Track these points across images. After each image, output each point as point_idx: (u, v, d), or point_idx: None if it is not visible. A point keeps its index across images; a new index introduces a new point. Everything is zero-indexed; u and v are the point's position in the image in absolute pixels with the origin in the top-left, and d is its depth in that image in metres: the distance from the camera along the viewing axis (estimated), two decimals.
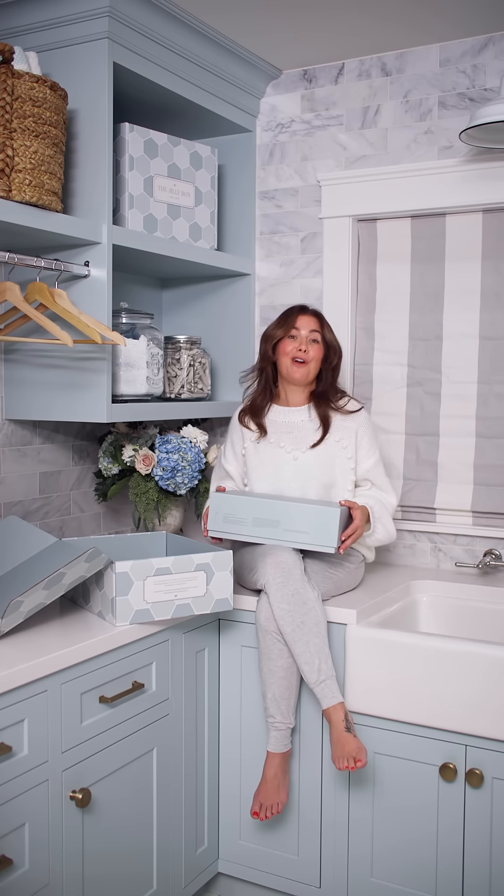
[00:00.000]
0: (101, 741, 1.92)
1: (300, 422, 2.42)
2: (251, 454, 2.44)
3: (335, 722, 2.06)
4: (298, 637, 2.09)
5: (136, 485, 2.63)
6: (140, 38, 2.30)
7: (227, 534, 2.25)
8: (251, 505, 2.22)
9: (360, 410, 2.44)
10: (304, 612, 2.10)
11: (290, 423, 2.42)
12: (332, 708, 2.07)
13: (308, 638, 2.09)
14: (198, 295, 2.98)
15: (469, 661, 2.00)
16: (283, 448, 2.39)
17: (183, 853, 2.23)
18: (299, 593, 2.11)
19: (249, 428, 2.46)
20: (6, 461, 2.44)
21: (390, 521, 2.39)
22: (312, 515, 2.17)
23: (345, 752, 2.03)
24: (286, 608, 2.10)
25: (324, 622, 2.12)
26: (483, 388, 2.62)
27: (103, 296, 2.25)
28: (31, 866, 1.74)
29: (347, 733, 2.04)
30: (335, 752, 2.04)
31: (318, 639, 2.09)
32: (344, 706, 2.07)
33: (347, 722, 2.06)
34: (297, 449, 2.38)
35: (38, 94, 1.99)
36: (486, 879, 2.02)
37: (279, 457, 2.39)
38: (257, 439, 2.43)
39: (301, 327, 2.39)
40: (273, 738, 2.16)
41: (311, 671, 2.08)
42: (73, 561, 1.87)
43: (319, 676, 2.07)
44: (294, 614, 2.10)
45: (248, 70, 2.72)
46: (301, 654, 2.09)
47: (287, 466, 2.37)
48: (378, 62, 2.69)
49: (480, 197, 2.54)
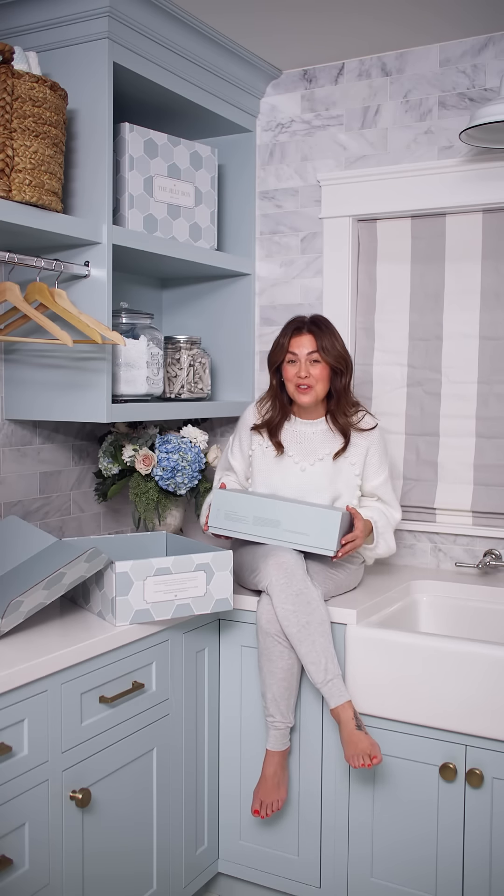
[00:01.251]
0: (101, 741, 1.92)
1: (311, 434, 2.38)
2: (258, 457, 2.41)
3: (345, 721, 2.05)
4: (304, 637, 2.09)
5: (136, 485, 2.63)
6: (140, 38, 2.30)
7: (227, 531, 2.24)
8: (253, 503, 2.21)
9: (374, 429, 2.38)
10: (309, 611, 2.10)
11: (301, 434, 2.38)
12: (340, 707, 2.06)
13: (314, 638, 2.08)
14: (198, 295, 2.98)
15: (469, 661, 2.00)
16: (292, 458, 2.37)
17: (183, 853, 2.23)
18: (303, 593, 2.11)
19: (262, 435, 2.41)
20: (6, 461, 2.44)
21: (392, 536, 2.39)
22: (314, 518, 2.16)
23: (358, 750, 2.02)
24: (291, 608, 2.10)
25: (328, 622, 2.12)
26: (483, 388, 2.62)
27: (103, 296, 2.25)
28: (31, 866, 1.74)
29: (359, 731, 2.04)
30: (348, 751, 2.04)
31: (324, 638, 2.09)
32: (352, 705, 2.07)
33: (357, 720, 2.06)
34: (304, 460, 2.36)
35: (38, 94, 1.99)
36: (486, 879, 2.02)
37: (286, 466, 2.36)
38: (268, 447, 2.39)
39: (298, 350, 2.29)
40: (272, 737, 2.16)
41: (317, 671, 2.08)
42: (73, 561, 1.87)
43: (326, 676, 2.07)
44: (299, 614, 2.09)
45: (248, 70, 2.72)
46: (307, 654, 2.09)
47: (293, 477, 2.35)
48: (378, 62, 2.69)
49: (480, 197, 2.54)
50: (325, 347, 2.28)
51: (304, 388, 2.30)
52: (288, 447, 2.38)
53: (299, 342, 2.30)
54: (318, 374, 2.30)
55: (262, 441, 2.41)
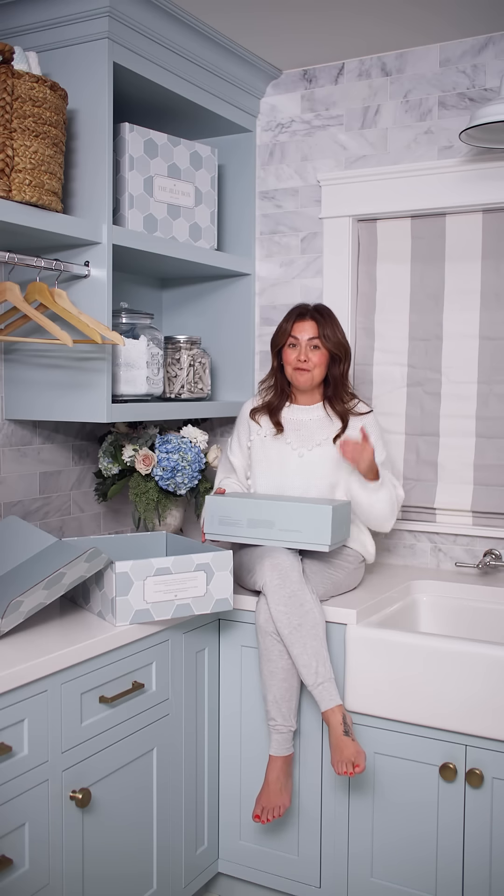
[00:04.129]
0: (101, 741, 1.92)
1: (309, 420, 2.43)
2: (257, 448, 2.45)
3: (333, 725, 2.05)
4: (296, 639, 2.09)
5: (136, 485, 2.63)
6: (140, 38, 2.30)
7: (223, 536, 2.26)
8: (245, 506, 2.23)
9: (369, 413, 2.45)
10: (302, 613, 2.10)
11: (298, 421, 2.43)
12: (329, 711, 2.06)
13: (305, 640, 2.08)
14: (198, 295, 2.98)
15: (469, 661, 2.00)
16: (290, 444, 2.41)
17: (183, 853, 2.23)
18: (296, 595, 2.11)
19: (259, 423, 2.47)
20: (6, 461, 2.44)
21: (397, 501, 2.38)
22: (305, 514, 2.17)
23: (343, 757, 2.02)
24: (283, 610, 2.10)
25: (321, 624, 2.11)
26: (483, 388, 2.62)
27: (103, 296, 2.25)
28: (31, 866, 1.74)
29: (345, 737, 2.03)
30: (334, 757, 2.04)
31: (316, 641, 2.09)
32: (342, 709, 2.07)
33: (346, 725, 2.05)
34: (303, 446, 2.39)
35: (38, 94, 1.99)
36: (486, 879, 2.02)
37: (285, 453, 2.40)
38: (266, 435, 2.44)
39: (299, 335, 2.37)
40: (275, 742, 2.15)
41: (308, 674, 2.08)
42: (73, 561, 1.87)
43: (317, 679, 2.07)
44: (291, 616, 2.09)
45: (248, 70, 2.72)
46: (298, 656, 2.09)
47: (292, 463, 2.39)
48: (378, 62, 2.69)
49: (480, 197, 2.54)
50: (326, 335, 2.36)
51: (302, 371, 2.38)
52: (286, 434, 2.42)
53: (301, 327, 2.38)
54: (317, 359, 2.38)
55: (261, 430, 2.45)
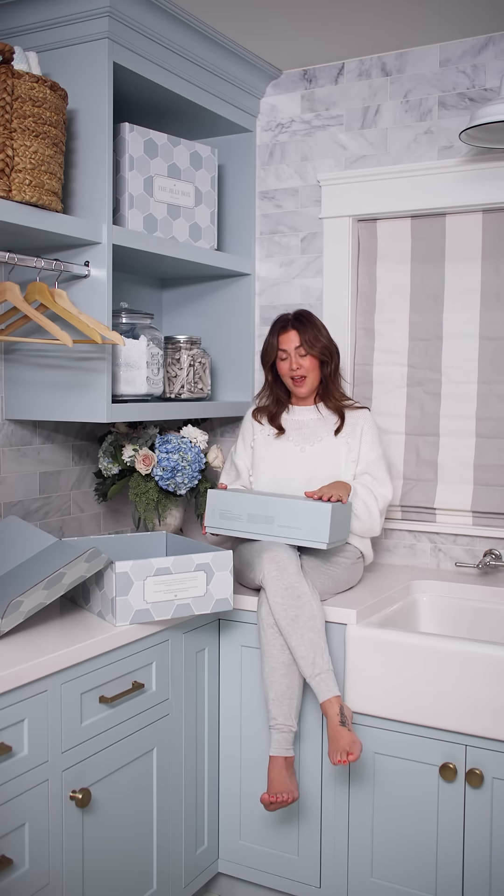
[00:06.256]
0: (101, 741, 1.92)
1: (308, 420, 2.52)
2: (260, 445, 2.53)
3: (330, 716, 2.06)
4: (293, 631, 2.10)
5: (136, 485, 2.63)
6: (140, 38, 2.30)
7: (223, 530, 2.29)
8: (246, 501, 2.26)
9: (364, 409, 2.52)
10: (299, 605, 2.11)
11: (300, 422, 2.52)
12: (327, 702, 2.07)
13: (302, 632, 2.09)
14: (198, 295, 2.98)
15: (469, 661, 2.00)
16: (292, 441, 2.49)
17: (183, 853, 2.23)
18: (294, 587, 2.12)
19: (261, 423, 2.55)
20: (6, 461, 2.44)
21: (376, 508, 2.40)
22: (305, 512, 2.19)
23: (339, 747, 2.03)
24: (280, 602, 2.11)
25: (319, 616, 2.12)
26: (483, 388, 2.62)
27: (103, 296, 2.25)
28: (31, 866, 1.74)
29: (342, 727, 2.04)
30: (331, 747, 2.04)
31: (313, 633, 2.10)
32: (340, 700, 2.07)
33: (343, 716, 2.06)
34: (305, 442, 2.48)
35: (38, 94, 1.99)
36: (486, 879, 2.02)
37: (287, 448, 2.48)
38: (269, 434, 2.52)
39: (287, 346, 2.45)
40: (274, 741, 2.13)
41: (306, 665, 2.09)
42: (73, 561, 1.87)
43: (314, 670, 2.08)
44: (288, 608, 2.11)
45: (248, 70, 2.72)
46: (296, 647, 2.10)
47: (293, 458, 2.46)
48: (378, 62, 2.69)
49: (480, 197, 2.54)
50: (308, 341, 2.44)
51: (299, 379, 2.46)
52: (288, 433, 2.51)
53: (287, 338, 2.46)
54: (309, 364, 2.46)
55: (264, 428, 2.54)
